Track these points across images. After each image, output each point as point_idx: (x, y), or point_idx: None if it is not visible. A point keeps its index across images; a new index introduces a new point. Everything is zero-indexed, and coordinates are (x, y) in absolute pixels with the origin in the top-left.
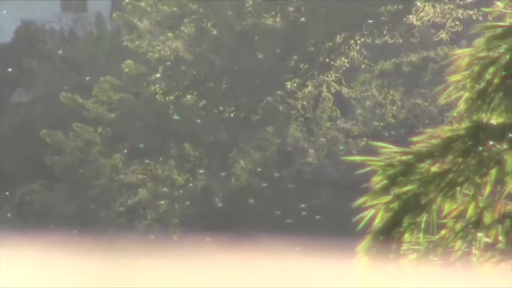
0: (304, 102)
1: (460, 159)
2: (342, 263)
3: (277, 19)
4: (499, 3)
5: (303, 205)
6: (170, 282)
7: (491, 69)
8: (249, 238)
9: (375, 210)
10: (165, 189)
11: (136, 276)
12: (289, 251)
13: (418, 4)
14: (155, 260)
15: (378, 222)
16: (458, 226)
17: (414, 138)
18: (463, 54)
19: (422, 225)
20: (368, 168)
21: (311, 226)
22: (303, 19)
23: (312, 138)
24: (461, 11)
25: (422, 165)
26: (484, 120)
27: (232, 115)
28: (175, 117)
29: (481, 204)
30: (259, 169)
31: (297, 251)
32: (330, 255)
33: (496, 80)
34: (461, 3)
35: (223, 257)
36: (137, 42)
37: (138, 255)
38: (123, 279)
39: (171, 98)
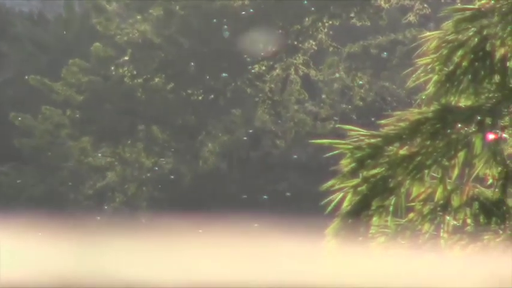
0: (272, 85)
1: (428, 142)
2: (310, 245)
3: (246, 1)
4: None
5: (271, 188)
6: (138, 263)
7: (459, 52)
8: (217, 220)
9: (343, 193)
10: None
11: (104, 258)
12: (258, 231)
13: None
14: (123, 242)
15: (346, 205)
16: (426, 209)
17: (382, 121)
18: (431, 37)
19: (391, 208)
20: (336, 151)
21: (279, 208)
22: (271, 1)
23: (279, 121)
24: None
25: (390, 148)
26: (453, 103)
27: (200, 98)
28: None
29: (449, 187)
30: (226, 152)
31: (266, 231)
32: (299, 237)
33: (464, 63)
34: None
35: (191, 238)
36: (106, 25)
37: (106, 238)
38: (91, 260)
39: (140, 81)
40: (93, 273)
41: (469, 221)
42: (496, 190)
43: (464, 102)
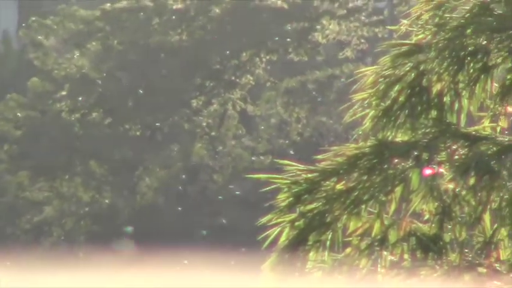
0: (210, 120)
1: (365, 177)
2: (247, 280)
3: (183, 37)
4: (404, 21)
5: (208, 222)
6: None
7: (396, 87)
8: (154, 255)
9: (280, 228)
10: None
11: None
12: (196, 266)
13: (324, 22)
14: (60, 276)
15: (283, 240)
16: (363, 244)
17: (319, 156)
18: (368, 72)
19: (328, 243)
20: (273, 186)
21: (216, 243)
22: (208, 37)
23: (217, 156)
24: (366, 29)
25: (327, 183)
26: (390, 138)
27: (138, 133)
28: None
29: (386, 222)
30: (164, 187)
31: (204, 265)
32: (235, 272)
33: (401, 98)
34: (366, 21)
35: (127, 273)
36: (43, 60)
37: (43, 272)
38: None
39: (77, 115)
40: None
41: (406, 256)
42: (433, 225)
43: (401, 137)
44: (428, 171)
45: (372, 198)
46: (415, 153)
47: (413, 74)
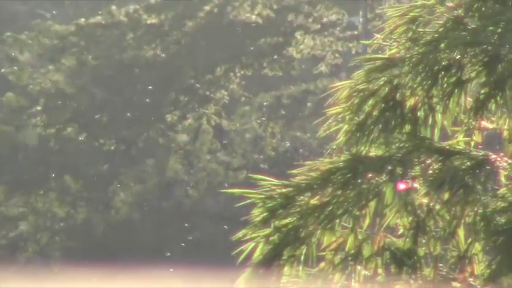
0: (184, 135)
1: (339, 192)
2: None
3: (158, 51)
4: (378, 35)
5: (183, 237)
6: None
7: (370, 102)
8: (129, 270)
9: (254, 243)
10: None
11: None
12: (171, 280)
13: (298, 37)
14: None
15: (257, 254)
16: (338, 258)
17: (294, 171)
18: (342, 87)
19: (302, 257)
20: (248, 201)
21: (191, 258)
22: (183, 52)
23: (191, 171)
24: (340, 44)
25: (301, 197)
26: (363, 152)
27: (112, 148)
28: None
29: (360, 237)
30: (139, 202)
31: (179, 280)
32: (210, 287)
33: (375, 113)
34: (341, 35)
35: (103, 287)
36: (18, 75)
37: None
38: None
39: (52, 130)
40: None
41: (380, 270)
42: (407, 240)
43: (375, 151)
44: (402, 186)
45: (346, 212)
46: (389, 167)
47: (387, 89)
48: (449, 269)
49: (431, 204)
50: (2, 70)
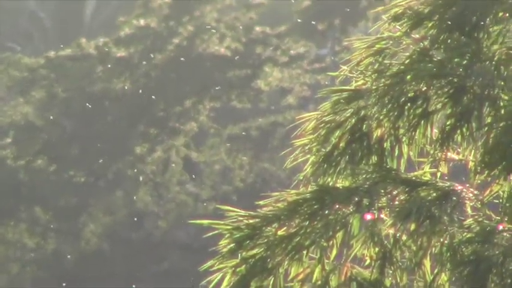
0: (154, 167)
1: (307, 223)
2: None
3: (127, 84)
4: (344, 67)
5: (153, 268)
6: None
7: (337, 133)
8: None
9: (222, 274)
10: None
11: None
12: None
13: (266, 69)
14: None
15: (225, 285)
16: None
17: (261, 202)
18: (309, 118)
19: None
20: (216, 232)
21: None
22: (152, 84)
23: (161, 202)
24: (308, 76)
25: (269, 228)
26: (330, 183)
27: (82, 179)
28: None
29: (327, 267)
30: (109, 233)
31: None
32: None
33: (341, 144)
34: (309, 68)
35: None
36: None
37: None
38: None
39: (22, 162)
40: None
41: None
42: (374, 270)
43: (342, 183)
44: (369, 217)
45: (313, 243)
46: (356, 198)
47: (353, 120)
48: None
49: (397, 235)
50: None
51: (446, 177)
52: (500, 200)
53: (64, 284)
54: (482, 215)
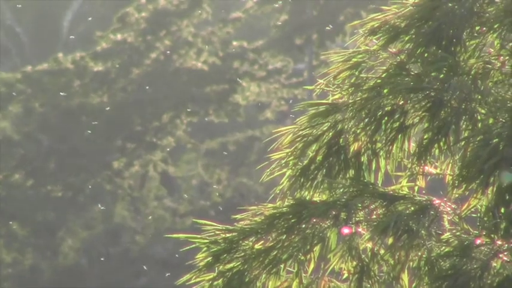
0: (131, 182)
1: (284, 237)
2: None
3: (104, 99)
4: (321, 81)
5: (131, 283)
6: None
7: (314, 147)
8: None
9: None
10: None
11: None
12: None
13: (244, 84)
14: None
15: None
16: None
17: (238, 216)
18: (286, 132)
19: None
20: (193, 246)
21: None
22: (129, 99)
23: (138, 217)
24: (286, 91)
25: (246, 242)
26: (307, 197)
27: (60, 194)
28: None
29: (304, 281)
30: (86, 248)
31: None
32: None
33: (318, 158)
34: (286, 82)
35: None
36: None
37: None
38: None
39: None
40: None
41: None
42: (352, 284)
43: (319, 196)
44: (346, 231)
45: (291, 257)
46: (333, 212)
47: (330, 134)
48: None
49: (375, 249)
50: None
51: (423, 191)
52: (478, 214)
53: None
54: (460, 229)
